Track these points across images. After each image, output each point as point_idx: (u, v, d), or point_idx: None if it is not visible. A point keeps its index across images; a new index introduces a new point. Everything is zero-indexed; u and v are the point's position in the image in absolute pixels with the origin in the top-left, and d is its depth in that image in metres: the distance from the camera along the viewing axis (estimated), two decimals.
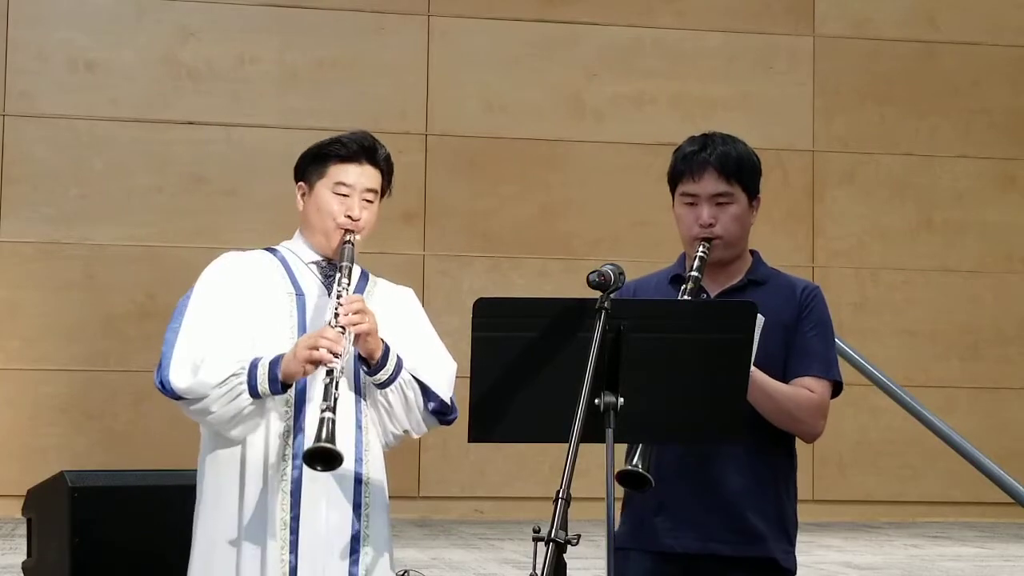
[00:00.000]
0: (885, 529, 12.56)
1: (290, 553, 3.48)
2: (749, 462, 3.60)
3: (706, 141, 3.70)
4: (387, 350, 3.56)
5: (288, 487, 3.50)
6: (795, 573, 3.69)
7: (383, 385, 3.57)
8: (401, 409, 3.60)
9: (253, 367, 3.47)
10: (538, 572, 2.89)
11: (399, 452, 13.29)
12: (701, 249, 3.61)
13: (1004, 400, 13.87)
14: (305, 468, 3.47)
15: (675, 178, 3.73)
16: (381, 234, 14.75)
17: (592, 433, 3.08)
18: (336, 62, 13.17)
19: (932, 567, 9.70)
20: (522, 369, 3.18)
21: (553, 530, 2.90)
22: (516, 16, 13.49)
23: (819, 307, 3.71)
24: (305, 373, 3.44)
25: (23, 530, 6.23)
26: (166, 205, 12.62)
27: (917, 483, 13.56)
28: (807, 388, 3.62)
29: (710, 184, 3.65)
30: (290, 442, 3.52)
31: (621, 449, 3.20)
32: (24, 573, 6.09)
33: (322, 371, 3.47)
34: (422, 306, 3.83)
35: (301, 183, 3.75)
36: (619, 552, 3.63)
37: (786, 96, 13.79)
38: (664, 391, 3.21)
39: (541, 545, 2.91)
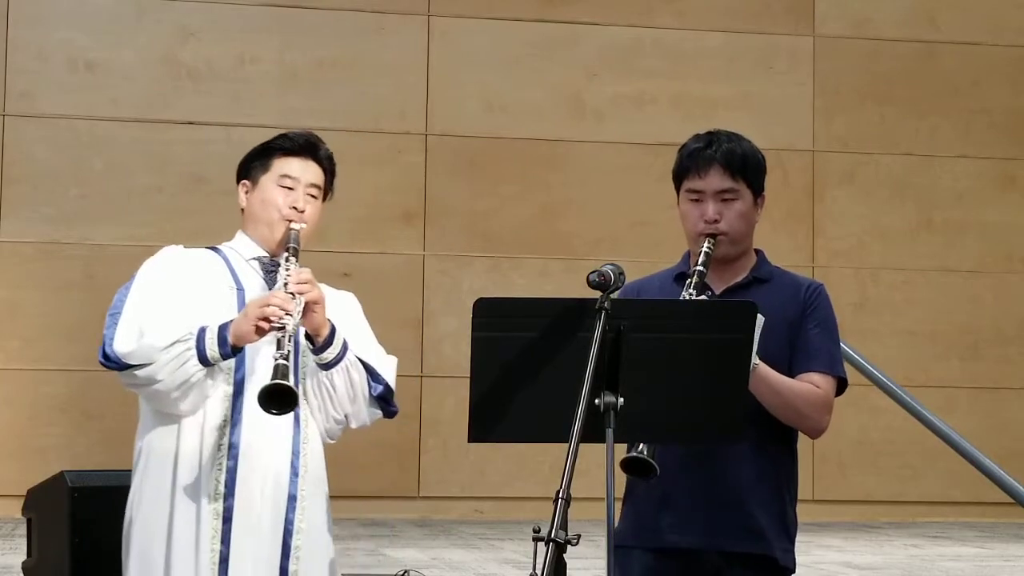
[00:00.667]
0: (885, 529, 12.56)
1: (221, 543, 3.47)
2: (752, 458, 3.60)
3: (711, 138, 3.71)
4: (334, 329, 3.54)
5: (223, 476, 3.48)
6: (793, 572, 3.69)
7: (329, 365, 3.54)
8: (345, 392, 3.57)
9: (201, 332, 3.44)
10: (538, 572, 2.89)
11: (399, 452, 13.16)
12: (706, 245, 3.61)
13: (1004, 400, 13.87)
14: (241, 459, 3.47)
15: (680, 175, 3.73)
16: (381, 234, 14.67)
17: (592, 433, 3.08)
18: (336, 62, 13.17)
19: (932, 567, 9.70)
20: (522, 369, 3.18)
21: (553, 530, 2.90)
22: (516, 16, 13.49)
23: (823, 304, 3.72)
24: (257, 333, 3.40)
25: (23, 530, 6.23)
26: (166, 205, 12.63)
27: (917, 483, 13.56)
28: (813, 384, 3.63)
29: (715, 180, 3.65)
30: (227, 431, 3.50)
31: (620, 449, 3.20)
32: (24, 573, 6.09)
33: (263, 357, 3.46)
34: (364, 315, 3.79)
35: (244, 181, 3.78)
36: (620, 550, 3.63)
37: (786, 96, 13.79)
38: (664, 391, 3.21)
39: (541, 545, 2.90)
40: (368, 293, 4.33)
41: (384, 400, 3.65)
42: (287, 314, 3.38)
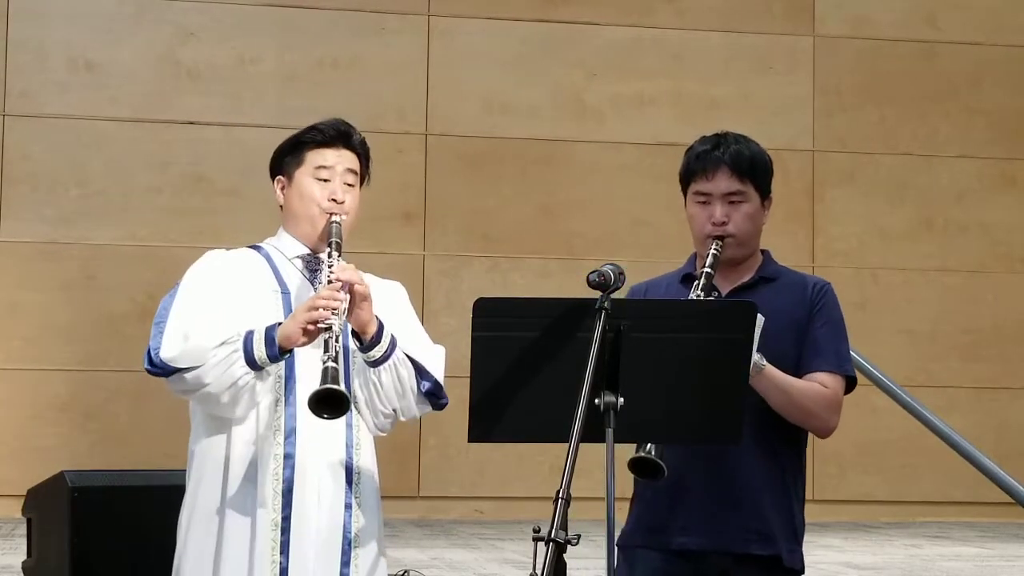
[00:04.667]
0: (885, 529, 12.56)
1: (281, 554, 3.44)
2: (760, 459, 3.62)
3: (719, 140, 3.72)
4: (381, 326, 3.49)
5: (280, 487, 3.45)
6: (802, 572, 3.70)
7: (377, 363, 3.50)
8: (392, 388, 3.53)
9: (248, 334, 3.40)
10: (538, 572, 2.89)
11: (399, 452, 13.13)
12: (714, 247, 3.62)
13: (1004, 400, 13.86)
14: (297, 469, 3.45)
15: (687, 177, 3.74)
16: (381, 234, 14.66)
17: (592, 433, 3.08)
18: (336, 62, 13.17)
19: (932, 567, 9.71)
20: (522, 369, 3.18)
21: (553, 530, 2.90)
22: (516, 16, 13.49)
23: (830, 303, 3.73)
24: (305, 336, 3.36)
25: (23, 530, 6.23)
26: (166, 205, 12.62)
27: (917, 483, 13.55)
28: (820, 383, 3.63)
29: (723, 183, 3.66)
30: (279, 440, 3.47)
31: (620, 449, 3.20)
32: (24, 573, 6.09)
33: (311, 361, 3.40)
34: (411, 303, 3.75)
35: (279, 177, 3.70)
36: (626, 550, 3.64)
37: (786, 96, 13.78)
38: (664, 391, 3.21)
39: (541, 545, 2.91)
40: None
41: (433, 395, 3.61)
42: (333, 312, 3.33)
